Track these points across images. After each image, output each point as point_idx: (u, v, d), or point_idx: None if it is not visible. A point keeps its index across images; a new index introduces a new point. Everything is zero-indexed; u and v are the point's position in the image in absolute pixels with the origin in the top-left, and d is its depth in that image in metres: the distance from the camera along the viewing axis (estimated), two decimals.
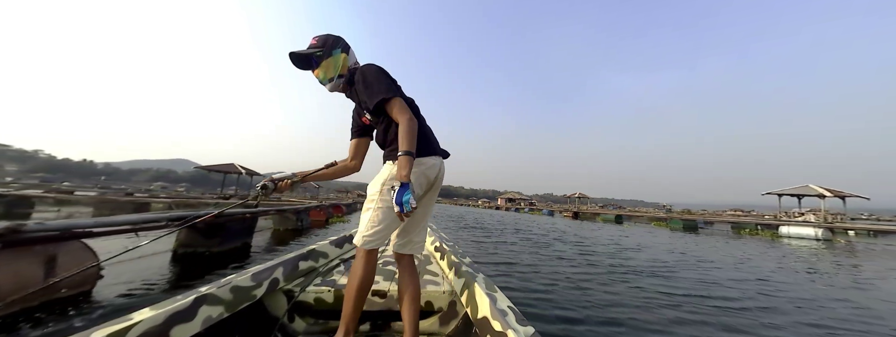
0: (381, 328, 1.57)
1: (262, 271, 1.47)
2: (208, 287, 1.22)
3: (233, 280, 1.31)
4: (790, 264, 6.07)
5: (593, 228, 13.77)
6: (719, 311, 2.95)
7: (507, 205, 57.18)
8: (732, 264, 5.62)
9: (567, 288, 3.48)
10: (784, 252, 8.00)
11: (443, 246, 2.27)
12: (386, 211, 1.21)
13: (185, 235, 4.26)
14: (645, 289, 3.57)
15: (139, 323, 0.91)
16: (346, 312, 1.20)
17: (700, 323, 2.63)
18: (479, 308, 1.23)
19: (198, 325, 1.08)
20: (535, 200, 78.18)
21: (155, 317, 0.96)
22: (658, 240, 9.72)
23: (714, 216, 22.90)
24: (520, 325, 1.04)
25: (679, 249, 7.60)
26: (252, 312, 1.39)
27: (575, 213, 26.38)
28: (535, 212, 35.05)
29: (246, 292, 1.33)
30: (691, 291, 3.58)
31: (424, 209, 1.37)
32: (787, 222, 14.40)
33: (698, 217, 19.55)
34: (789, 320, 2.82)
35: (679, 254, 6.68)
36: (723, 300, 3.28)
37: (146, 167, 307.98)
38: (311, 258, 1.92)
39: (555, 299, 3.05)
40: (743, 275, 4.70)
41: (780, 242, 11.15)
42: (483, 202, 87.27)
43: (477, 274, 1.55)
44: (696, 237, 11.61)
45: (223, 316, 1.19)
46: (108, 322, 0.90)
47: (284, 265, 1.62)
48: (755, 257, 6.74)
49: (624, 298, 3.20)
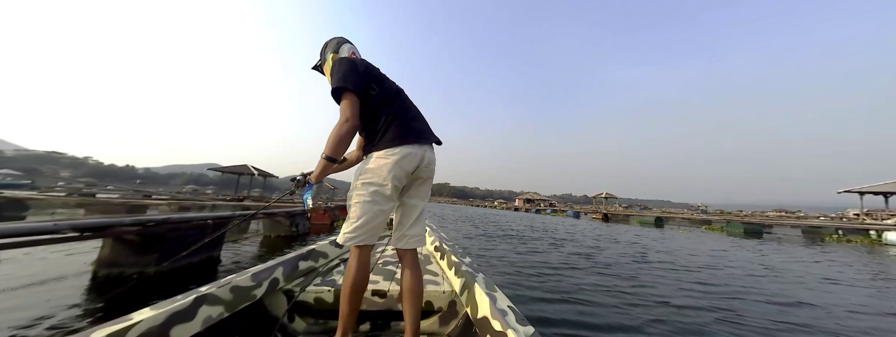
0: (381, 328, 1.54)
1: (262, 271, 1.47)
2: (208, 287, 1.21)
3: (233, 280, 1.31)
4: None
5: (638, 234, 11.91)
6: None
7: (527, 206, 54.86)
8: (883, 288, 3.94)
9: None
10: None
11: (443, 246, 2.24)
12: (363, 206, 1.22)
13: (111, 249, 3.12)
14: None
15: (139, 323, 0.91)
16: (343, 312, 1.19)
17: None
18: (479, 308, 1.23)
19: (198, 325, 1.08)
20: (554, 200, 74.61)
21: (155, 317, 0.96)
22: (728, 250, 7.87)
23: (767, 218, 20.01)
24: (520, 325, 1.04)
25: (773, 265, 5.83)
26: (252, 311, 1.39)
27: (605, 214, 24.18)
28: (559, 213, 32.90)
29: (246, 292, 1.33)
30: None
31: (415, 201, 1.34)
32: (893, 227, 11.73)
33: (756, 220, 16.96)
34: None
35: (796, 278, 4.95)
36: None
37: (181, 171, 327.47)
38: (310, 258, 1.91)
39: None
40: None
41: (886, 251, 8.93)
42: (499, 203, 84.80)
43: (477, 274, 1.54)
44: (770, 246, 9.52)
45: (223, 316, 1.19)
46: (108, 322, 0.89)
47: (284, 265, 1.62)
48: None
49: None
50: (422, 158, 1.28)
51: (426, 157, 1.30)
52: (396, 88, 1.39)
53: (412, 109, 1.38)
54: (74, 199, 7.41)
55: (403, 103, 1.36)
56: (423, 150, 1.29)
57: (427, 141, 1.32)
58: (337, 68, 1.28)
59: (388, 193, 1.23)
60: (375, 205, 1.22)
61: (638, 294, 3.26)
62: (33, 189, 22.57)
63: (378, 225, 1.24)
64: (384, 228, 1.33)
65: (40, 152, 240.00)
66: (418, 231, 1.32)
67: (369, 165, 1.25)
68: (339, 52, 1.44)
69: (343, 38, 1.52)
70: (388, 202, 1.25)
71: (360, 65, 1.32)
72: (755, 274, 4.74)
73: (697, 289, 3.62)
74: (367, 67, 1.35)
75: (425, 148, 1.30)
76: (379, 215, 1.22)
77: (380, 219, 1.23)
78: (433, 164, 1.33)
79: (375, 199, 1.22)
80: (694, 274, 4.49)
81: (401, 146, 1.24)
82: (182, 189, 63.76)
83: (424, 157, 1.29)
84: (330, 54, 1.42)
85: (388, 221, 1.31)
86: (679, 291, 3.52)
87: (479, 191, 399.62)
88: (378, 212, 1.22)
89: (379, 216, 1.22)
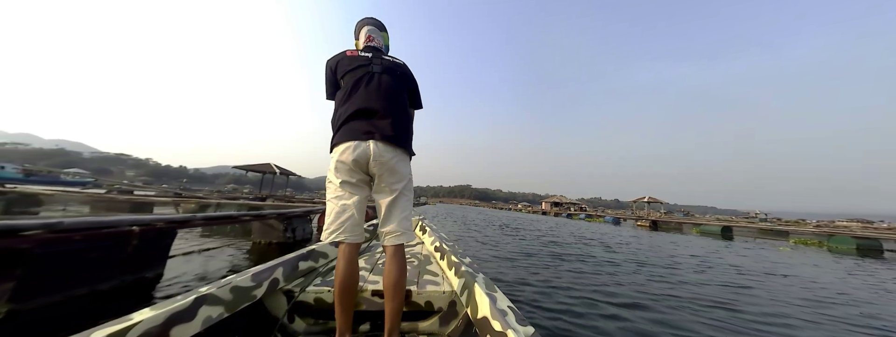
0: (380, 328, 1.39)
1: (262, 271, 1.45)
2: (208, 287, 1.20)
3: (233, 280, 1.30)
4: None
5: (708, 248, 9.60)
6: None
7: (556, 209, 51.13)
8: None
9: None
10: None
11: (443, 246, 2.22)
12: (331, 202, 1.29)
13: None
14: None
15: (139, 323, 0.90)
16: (336, 311, 1.21)
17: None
18: (479, 308, 1.22)
19: (198, 325, 1.06)
20: (584, 204, 69.26)
21: (155, 317, 0.95)
22: (862, 279, 5.58)
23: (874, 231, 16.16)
24: (520, 325, 1.03)
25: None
26: (252, 312, 1.38)
27: (653, 222, 21.24)
28: (595, 219, 29.86)
29: (246, 292, 1.32)
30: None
31: (379, 197, 1.34)
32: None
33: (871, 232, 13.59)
34: None
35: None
36: None
37: (226, 172, 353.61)
38: (311, 258, 1.89)
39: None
40: None
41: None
42: (523, 206, 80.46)
43: (477, 274, 1.53)
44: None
45: (223, 316, 1.17)
46: (108, 322, 0.88)
47: (284, 265, 1.61)
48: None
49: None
50: (365, 153, 1.27)
51: (368, 152, 1.27)
52: (357, 79, 1.38)
53: (365, 103, 1.33)
54: (82, 196, 6.79)
55: (359, 98, 1.34)
56: (362, 146, 1.28)
57: (368, 137, 1.28)
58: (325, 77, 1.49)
59: (341, 191, 1.29)
60: (339, 200, 1.29)
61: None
62: (97, 187, 24.34)
63: (347, 220, 1.27)
64: (362, 225, 1.32)
65: (111, 154, 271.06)
66: (392, 228, 1.30)
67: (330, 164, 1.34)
68: (359, 38, 1.60)
69: (365, 20, 1.62)
70: (349, 197, 1.28)
71: (330, 66, 1.45)
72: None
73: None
74: (337, 65, 1.43)
75: (366, 143, 1.28)
76: (345, 210, 1.27)
77: (347, 214, 1.27)
78: (384, 157, 1.28)
79: (337, 194, 1.29)
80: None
81: (341, 144, 1.29)
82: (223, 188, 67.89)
83: (368, 153, 1.27)
84: (355, 42, 1.63)
85: (362, 216, 1.30)
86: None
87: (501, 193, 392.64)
88: (343, 207, 1.27)
89: (345, 211, 1.27)
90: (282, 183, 27.41)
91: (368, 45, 1.53)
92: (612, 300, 3.11)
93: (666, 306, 3.04)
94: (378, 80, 1.38)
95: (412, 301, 1.54)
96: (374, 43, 1.55)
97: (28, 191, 8.19)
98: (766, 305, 3.33)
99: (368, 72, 1.39)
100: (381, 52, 1.53)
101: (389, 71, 1.43)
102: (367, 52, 1.47)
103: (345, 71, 1.38)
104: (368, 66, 1.40)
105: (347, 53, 1.45)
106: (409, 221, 1.32)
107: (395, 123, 1.33)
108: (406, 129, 1.38)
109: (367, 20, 1.59)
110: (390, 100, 1.36)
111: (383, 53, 1.53)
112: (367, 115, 1.31)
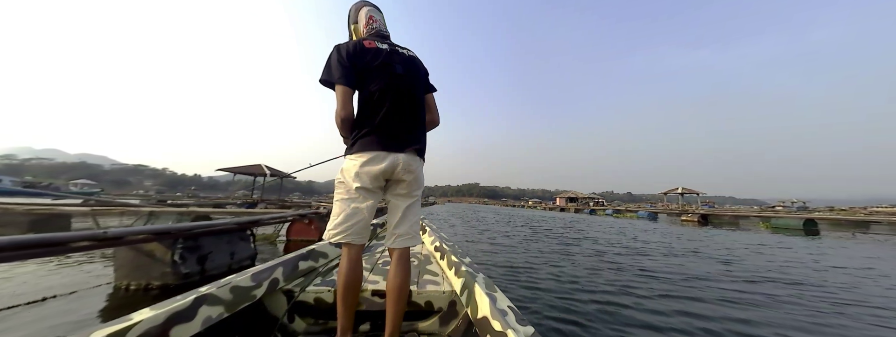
0: (381, 328, 1.42)
1: (262, 271, 1.45)
2: (208, 287, 1.20)
3: (233, 280, 1.29)
4: None
5: (824, 248, 6.89)
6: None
7: (574, 205, 47.66)
8: None
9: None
10: None
11: (443, 246, 2.21)
12: (341, 204, 1.27)
13: None
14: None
15: (139, 323, 0.90)
16: (338, 312, 1.22)
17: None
18: (479, 308, 1.21)
19: (198, 325, 1.06)
20: (600, 199, 64.67)
21: (155, 317, 0.94)
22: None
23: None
24: (520, 325, 1.02)
25: None
26: (252, 312, 1.38)
27: (703, 216, 18.25)
28: (625, 214, 26.77)
29: (246, 292, 1.31)
30: None
31: (396, 201, 1.34)
32: None
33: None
34: None
35: None
36: None
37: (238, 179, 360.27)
38: (310, 258, 1.88)
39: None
40: None
41: None
42: (534, 202, 76.35)
43: (477, 274, 1.52)
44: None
45: (223, 316, 1.17)
46: (108, 322, 0.88)
47: (284, 265, 1.60)
48: None
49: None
50: (393, 164, 1.25)
51: (397, 162, 1.26)
52: (386, 84, 1.30)
53: (397, 115, 1.29)
54: (83, 209, 5.17)
55: (390, 107, 1.28)
56: (391, 157, 1.25)
57: (399, 149, 1.27)
58: (327, 61, 1.31)
59: (356, 194, 1.25)
60: (351, 202, 1.26)
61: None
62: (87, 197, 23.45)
63: (358, 223, 1.25)
64: (369, 228, 1.30)
65: (130, 166, 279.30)
66: (404, 230, 1.31)
67: (344, 165, 1.30)
68: (359, 22, 1.48)
69: (360, 1, 1.51)
70: (363, 201, 1.26)
71: (345, 52, 1.30)
72: None
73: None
74: (354, 54, 1.30)
75: (396, 155, 1.26)
76: (356, 213, 1.24)
77: (358, 217, 1.25)
78: (412, 166, 1.29)
79: (350, 197, 1.26)
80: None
81: (368, 152, 1.24)
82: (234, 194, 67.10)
83: (398, 163, 1.26)
84: (351, 26, 1.49)
85: (371, 220, 1.28)
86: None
87: (510, 191, 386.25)
88: (354, 210, 1.24)
89: (356, 214, 1.24)
90: (290, 187, 25.19)
91: (375, 30, 1.45)
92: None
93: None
94: (407, 85, 1.34)
95: (412, 301, 1.53)
96: (377, 25, 1.47)
97: (67, 207, 6.30)
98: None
99: (393, 74, 1.32)
100: (393, 43, 1.44)
101: (411, 73, 1.38)
102: (378, 40, 1.40)
103: (366, 65, 1.29)
104: (392, 66, 1.33)
105: (366, 44, 1.34)
106: (418, 226, 1.36)
107: (422, 135, 1.37)
108: (425, 138, 1.41)
109: (364, 2, 1.50)
110: (418, 108, 1.37)
111: (394, 44, 1.44)
112: (398, 126, 1.29)
